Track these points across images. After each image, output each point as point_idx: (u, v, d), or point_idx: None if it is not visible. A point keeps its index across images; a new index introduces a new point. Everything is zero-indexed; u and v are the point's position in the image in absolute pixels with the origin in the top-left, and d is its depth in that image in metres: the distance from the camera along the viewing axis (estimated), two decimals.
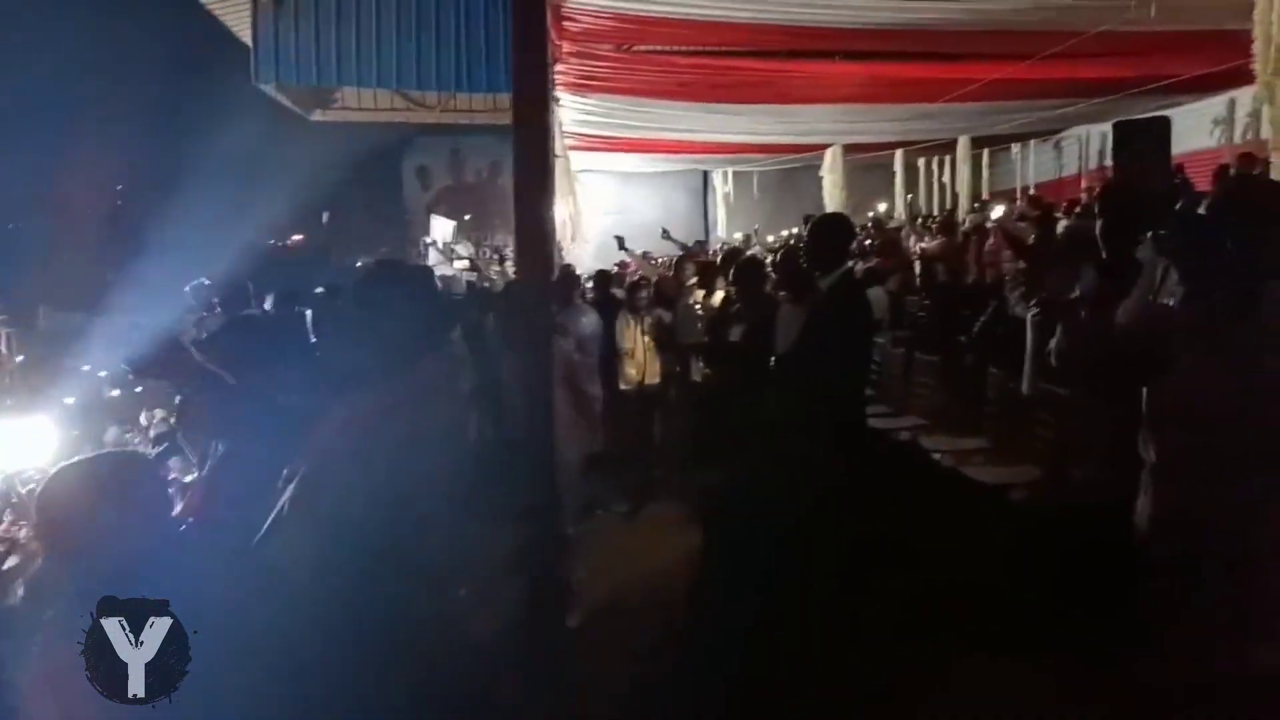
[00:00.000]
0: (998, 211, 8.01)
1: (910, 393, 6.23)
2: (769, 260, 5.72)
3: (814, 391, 3.76)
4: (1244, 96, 10.70)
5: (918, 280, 9.87)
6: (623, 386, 6.05)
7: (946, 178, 15.77)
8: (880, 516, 4.03)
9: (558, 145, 9.00)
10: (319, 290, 5.85)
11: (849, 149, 14.26)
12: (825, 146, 14.21)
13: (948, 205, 14.82)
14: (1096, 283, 2.30)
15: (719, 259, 7.40)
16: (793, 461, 4.03)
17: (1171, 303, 1.99)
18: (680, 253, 8.78)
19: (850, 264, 4.07)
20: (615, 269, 9.51)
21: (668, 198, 18.71)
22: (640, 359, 6.10)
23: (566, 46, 8.32)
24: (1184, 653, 1.88)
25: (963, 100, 10.56)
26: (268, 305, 5.09)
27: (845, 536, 3.69)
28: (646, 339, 6.05)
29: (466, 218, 15.34)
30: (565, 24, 7.72)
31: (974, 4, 7.42)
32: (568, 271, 8.44)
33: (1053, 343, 2.25)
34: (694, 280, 6.61)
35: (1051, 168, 16.44)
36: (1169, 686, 1.95)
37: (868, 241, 10.95)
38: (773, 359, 4.13)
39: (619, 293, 7.05)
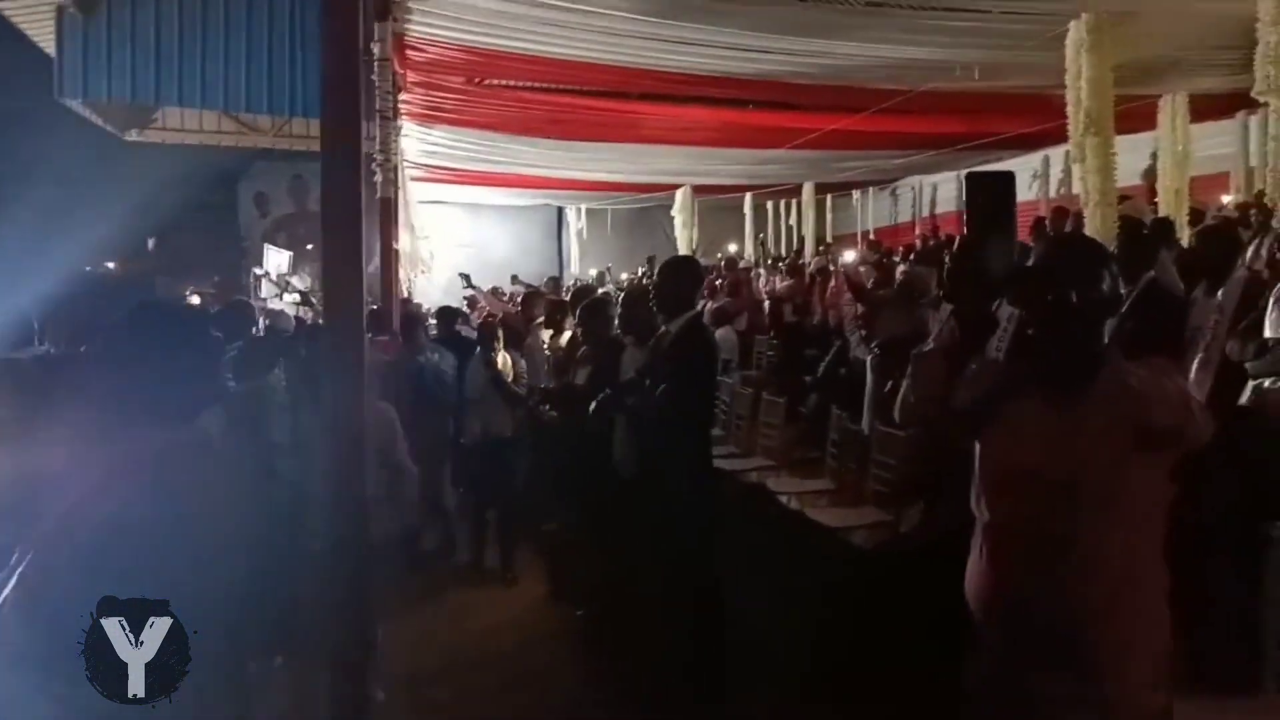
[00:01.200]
0: (849, 255, 8.30)
1: (758, 434, 6.24)
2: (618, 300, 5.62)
3: (660, 435, 3.66)
4: (1057, 154, 11.65)
5: (767, 320, 10.09)
6: (473, 431, 5.73)
7: (794, 220, 16.37)
8: (723, 561, 3.97)
9: (400, 176, 8.66)
10: (102, 327, 5.22)
11: (700, 189, 14.57)
12: (677, 186, 14.47)
13: (794, 246, 15.35)
14: (950, 333, 2.27)
15: (569, 297, 7.28)
16: (638, 507, 3.93)
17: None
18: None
19: (699, 307, 4.01)
20: (465, 305, 9.22)
21: (521, 232, 18.54)
22: (488, 402, 5.82)
23: (412, 76, 8.05)
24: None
25: (807, 148, 10.97)
26: (50, 344, 4.52)
27: (688, 581, 3.61)
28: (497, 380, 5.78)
29: (309, 247, 14.60)
30: (410, 53, 7.47)
31: (817, 59, 7.70)
32: (410, 309, 8.10)
33: (903, 388, 2.20)
34: (541, 320, 6.43)
35: (888, 214, 17.39)
36: None
37: (718, 281, 11.12)
38: (619, 403, 4.02)
39: (467, 331, 6.77)
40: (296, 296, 8.80)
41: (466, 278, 8.80)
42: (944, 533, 2.53)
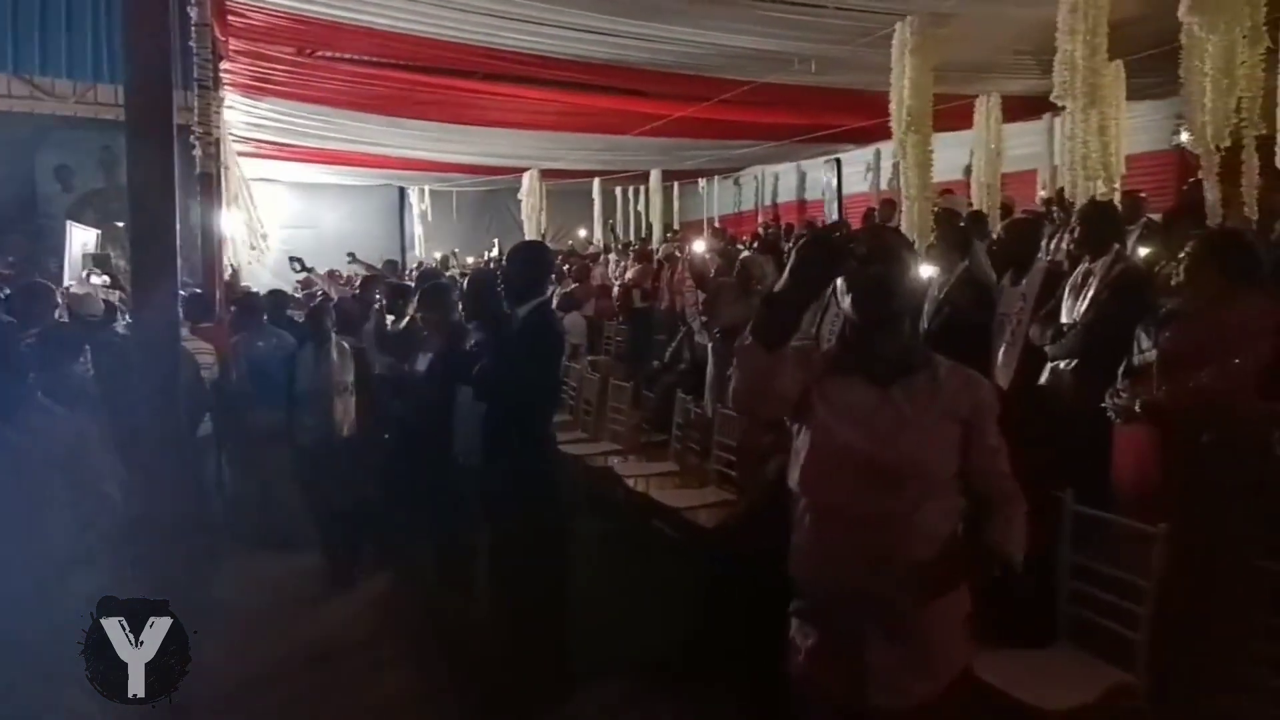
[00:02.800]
0: (698, 243, 8.44)
1: (606, 418, 6.29)
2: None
3: (506, 421, 3.61)
4: (887, 148, 12.30)
5: (616, 306, 10.17)
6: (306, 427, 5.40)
7: (642, 206, 16.53)
8: (570, 547, 3.97)
9: (223, 150, 8.11)
10: None
11: (548, 174, 14.45)
12: (524, 170, 14.29)
13: (643, 233, 15.51)
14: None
15: (415, 280, 7.05)
16: (482, 495, 3.86)
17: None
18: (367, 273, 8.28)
19: (548, 293, 3.96)
20: (298, 289, 8.77)
21: (360, 214, 17.73)
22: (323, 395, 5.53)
23: (235, 44, 7.54)
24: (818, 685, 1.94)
25: (654, 135, 11.07)
26: None
27: (534, 569, 3.59)
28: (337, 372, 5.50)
29: (120, 224, 13.45)
30: (232, 19, 6.98)
31: (663, 45, 7.76)
32: (243, 292, 7.63)
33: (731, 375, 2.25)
34: (382, 304, 6.20)
35: (733, 202, 17.86)
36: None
37: (565, 266, 11.09)
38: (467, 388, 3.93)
39: (297, 315, 6.45)
40: (105, 279, 8.09)
41: (299, 261, 8.35)
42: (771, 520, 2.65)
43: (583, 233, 15.96)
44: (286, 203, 16.28)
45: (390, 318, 5.79)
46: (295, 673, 3.98)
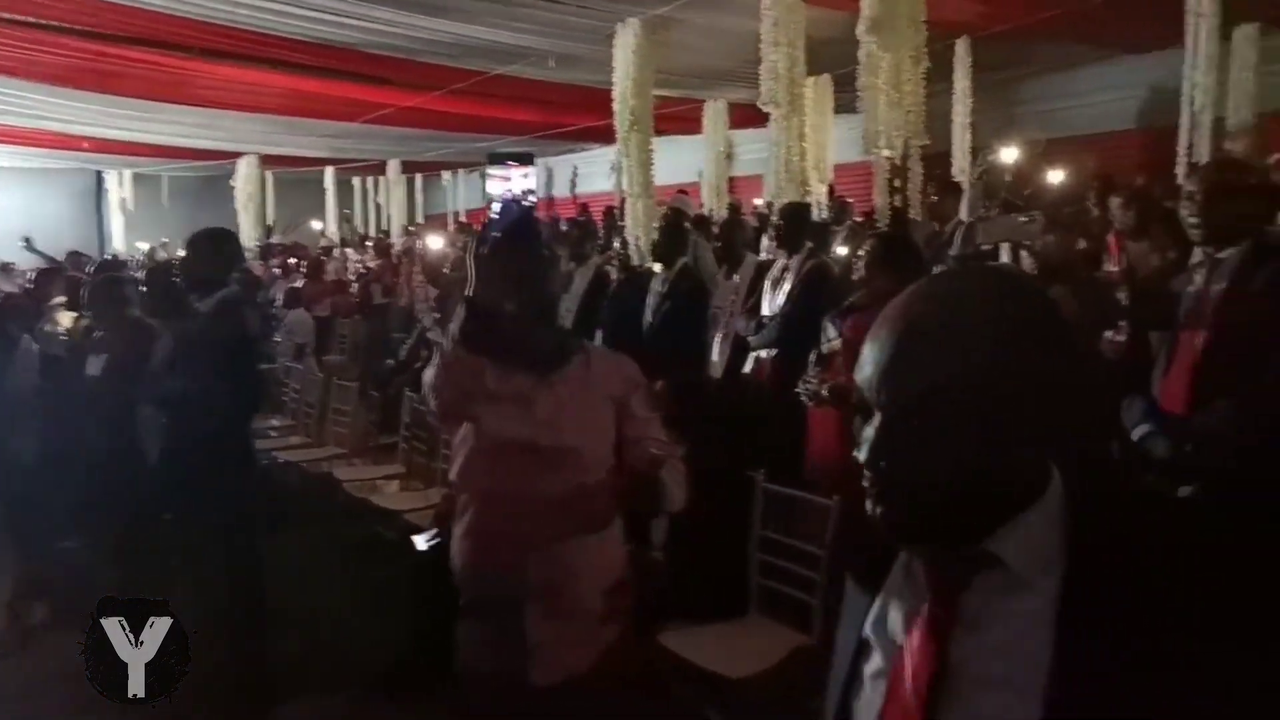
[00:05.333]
0: (433, 237, 8.18)
1: (330, 421, 5.94)
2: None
3: (193, 426, 3.28)
4: None
5: (354, 302, 9.68)
6: None
7: (382, 198, 15.88)
8: (284, 559, 3.71)
9: None
10: None
11: (275, 160, 13.45)
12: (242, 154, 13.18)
13: (383, 226, 14.91)
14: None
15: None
16: (170, 506, 3.50)
17: None
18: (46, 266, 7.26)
19: (233, 283, 3.65)
20: None
21: (47, 200, 15.50)
22: None
23: None
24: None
25: (386, 123, 10.65)
26: None
27: (229, 582, 3.31)
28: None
29: None
30: None
31: (394, 29, 7.46)
32: None
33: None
34: (62, 300, 5.46)
35: (481, 196, 17.60)
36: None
37: (291, 260, 10.41)
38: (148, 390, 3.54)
39: None
40: None
41: (27, 240, 7.11)
42: None
43: (316, 225, 15.04)
44: None
45: (71, 315, 5.10)
46: None
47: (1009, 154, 4.94)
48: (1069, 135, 9.41)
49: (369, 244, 12.43)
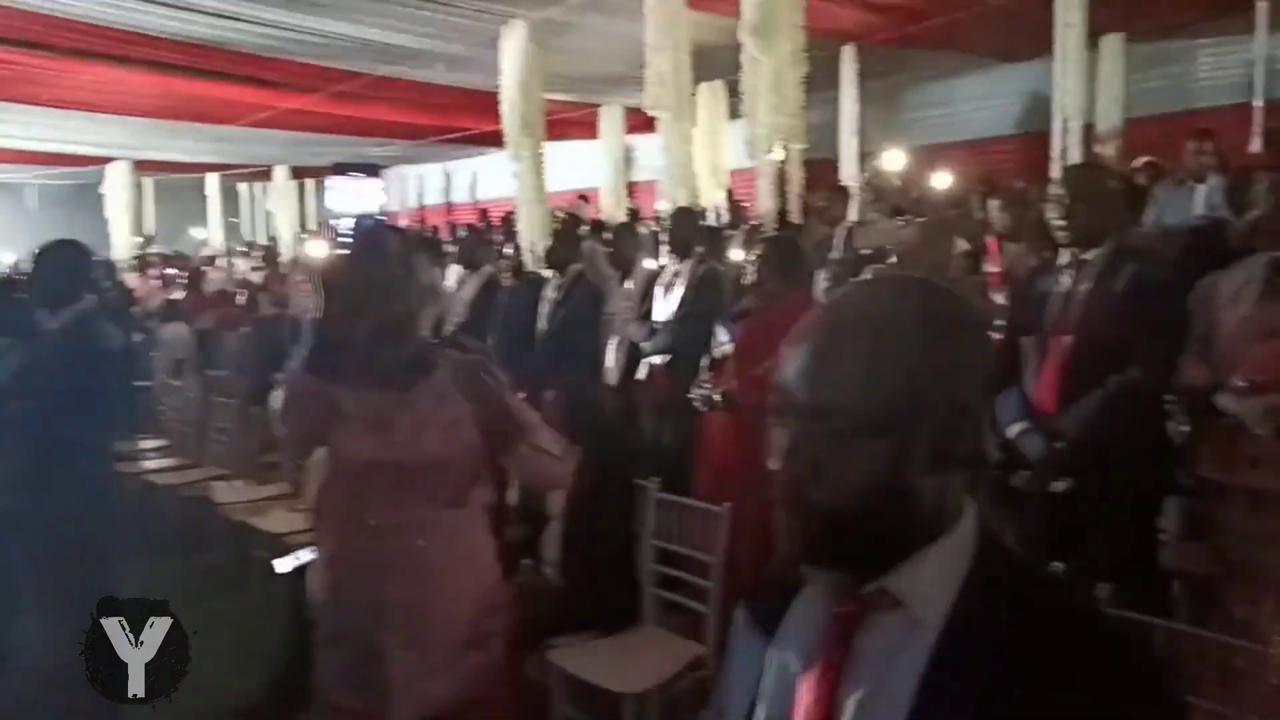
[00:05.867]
0: (316, 247, 7.85)
1: (209, 440, 5.64)
2: None
3: (44, 449, 3.04)
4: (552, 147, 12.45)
5: (241, 313, 9.25)
6: None
7: (271, 205, 15.28)
8: (154, 587, 3.46)
9: None
10: None
11: (152, 166, 12.75)
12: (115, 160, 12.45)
13: (271, 233, 14.34)
14: None
15: None
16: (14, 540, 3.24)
17: None
18: None
19: (87, 298, 3.39)
20: None
21: None
22: None
23: None
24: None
25: (270, 126, 10.24)
26: None
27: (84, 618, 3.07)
28: None
29: None
30: None
31: (274, 30, 7.16)
32: None
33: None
34: None
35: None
36: None
37: (169, 271, 9.91)
38: None
39: None
40: None
41: None
42: None
43: (199, 234, 14.34)
44: None
45: None
46: None
47: (893, 159, 5.05)
48: (953, 141, 9.79)
49: (255, 253, 11.92)
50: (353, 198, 14.33)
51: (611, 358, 4.67)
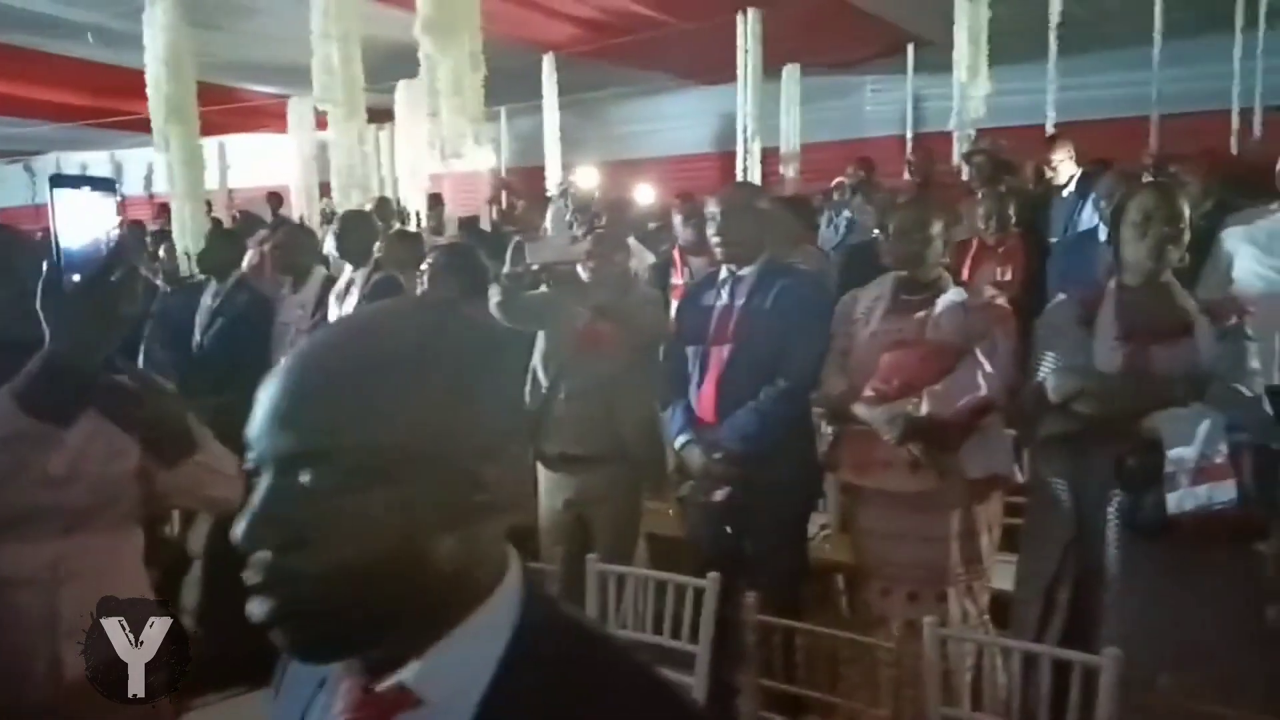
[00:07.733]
0: None
1: None
2: None
3: None
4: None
5: None
6: None
7: None
8: None
9: None
10: None
11: None
12: None
13: None
14: None
15: None
16: None
17: None
18: None
19: None
20: None
21: None
22: None
23: None
24: None
25: None
26: None
27: None
28: None
29: None
30: None
31: None
32: None
33: None
34: None
35: (26, 192, 14.87)
36: None
37: None
38: None
39: None
40: None
41: None
42: None
43: None
44: None
45: None
46: None
47: (587, 174, 5.06)
48: (655, 156, 10.24)
49: None
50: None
51: None
